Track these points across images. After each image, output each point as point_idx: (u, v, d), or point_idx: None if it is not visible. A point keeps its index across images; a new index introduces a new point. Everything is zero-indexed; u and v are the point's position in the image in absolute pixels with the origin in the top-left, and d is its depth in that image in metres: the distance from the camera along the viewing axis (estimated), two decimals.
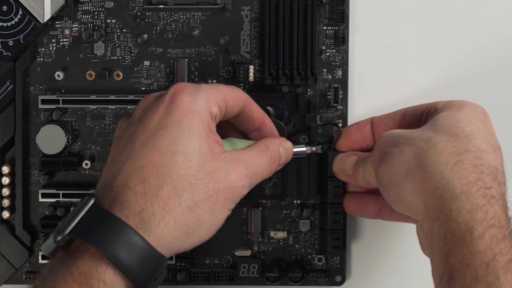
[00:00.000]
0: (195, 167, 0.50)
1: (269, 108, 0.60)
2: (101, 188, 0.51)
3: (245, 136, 0.59)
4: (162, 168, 0.50)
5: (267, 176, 0.56)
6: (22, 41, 0.60)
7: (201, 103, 0.52)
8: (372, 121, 0.60)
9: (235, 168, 0.52)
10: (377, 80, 0.63)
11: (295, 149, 0.59)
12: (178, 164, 0.50)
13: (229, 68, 0.62)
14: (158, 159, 0.50)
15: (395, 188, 0.51)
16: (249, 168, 0.53)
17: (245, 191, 0.53)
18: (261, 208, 0.62)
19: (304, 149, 0.59)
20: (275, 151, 0.56)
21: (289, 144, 0.58)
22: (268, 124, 0.58)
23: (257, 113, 0.57)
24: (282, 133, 0.59)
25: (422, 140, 0.51)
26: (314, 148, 0.60)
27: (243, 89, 0.61)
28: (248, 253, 0.62)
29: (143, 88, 0.61)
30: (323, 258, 0.62)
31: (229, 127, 0.58)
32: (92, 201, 0.49)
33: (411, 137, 0.52)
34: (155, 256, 0.48)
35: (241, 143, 0.57)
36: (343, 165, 0.58)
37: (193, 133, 0.51)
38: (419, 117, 0.57)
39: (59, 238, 0.48)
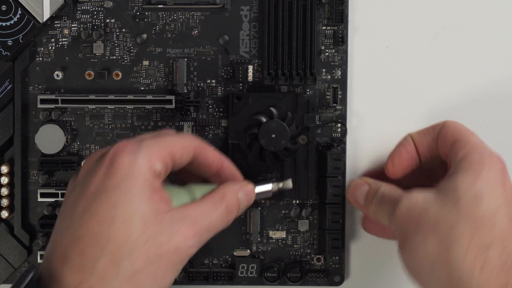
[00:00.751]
0: (135, 232, 0.48)
1: (272, 109, 0.59)
2: (44, 260, 0.49)
3: (205, 180, 0.56)
4: (99, 238, 0.47)
5: (222, 228, 0.52)
6: (21, 41, 0.60)
7: (141, 163, 0.49)
8: (413, 139, 0.58)
9: (180, 228, 0.49)
10: (376, 80, 0.63)
11: (258, 190, 0.55)
12: (116, 232, 0.48)
13: (228, 68, 0.61)
14: (96, 228, 0.48)
15: (420, 279, 0.51)
16: (197, 225, 0.50)
17: (192, 251, 0.50)
18: (260, 208, 0.62)
19: (269, 188, 0.56)
20: (232, 199, 0.53)
21: (250, 187, 0.54)
22: (227, 167, 0.55)
23: (212, 158, 0.54)
24: (284, 136, 0.59)
25: (446, 229, 0.50)
26: (281, 184, 0.56)
27: (242, 89, 0.61)
28: (247, 253, 0.62)
29: (142, 88, 0.61)
30: (322, 258, 0.62)
31: (188, 172, 0.55)
32: (30, 276, 0.47)
33: (434, 221, 0.50)
34: None
35: (200, 189, 0.53)
36: (355, 196, 0.57)
37: (133, 196, 0.48)
38: (446, 149, 0.55)
39: None
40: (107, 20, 0.61)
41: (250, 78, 0.61)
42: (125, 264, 0.47)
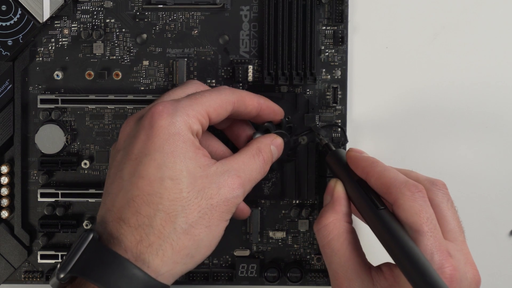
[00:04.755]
0: (185, 188, 0.50)
1: (268, 125, 0.59)
2: (99, 222, 0.51)
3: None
4: (152, 197, 0.50)
5: (260, 179, 0.55)
6: (21, 41, 0.60)
7: (180, 125, 0.51)
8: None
9: (227, 180, 0.52)
10: (376, 80, 0.63)
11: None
12: (167, 190, 0.50)
13: (228, 68, 0.61)
14: (147, 187, 0.50)
15: None
16: (241, 176, 0.53)
17: (239, 200, 0.53)
18: (260, 208, 0.62)
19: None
20: (267, 151, 0.56)
21: (279, 140, 0.58)
22: (266, 108, 0.57)
23: (252, 106, 0.56)
24: (286, 143, 0.59)
25: None
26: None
27: (242, 89, 0.61)
28: (247, 253, 0.62)
29: (142, 88, 0.61)
30: (322, 258, 0.62)
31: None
32: (90, 237, 0.49)
33: None
34: (156, 286, 0.49)
35: None
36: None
37: (177, 156, 0.51)
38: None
39: (61, 276, 0.49)
40: (107, 20, 0.61)
41: (250, 78, 0.61)
42: (180, 219, 0.50)
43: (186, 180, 0.50)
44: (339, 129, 0.61)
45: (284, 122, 0.59)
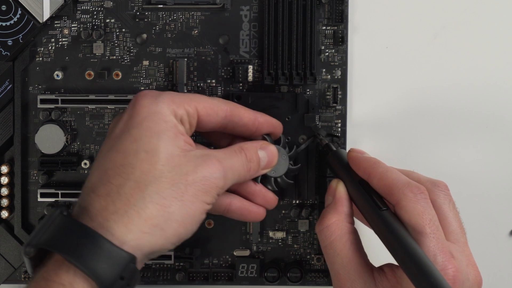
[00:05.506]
0: (159, 161, 0.49)
1: (265, 136, 0.57)
2: (79, 198, 0.51)
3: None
4: (125, 168, 0.49)
5: (247, 176, 0.54)
6: (21, 41, 0.60)
7: (162, 105, 0.51)
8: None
9: (206, 161, 0.51)
10: (376, 80, 0.63)
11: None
12: (141, 161, 0.49)
13: (228, 68, 0.61)
14: (121, 159, 0.49)
15: None
16: (222, 162, 0.51)
17: (220, 183, 0.51)
18: None
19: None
20: (251, 151, 0.54)
21: (271, 148, 0.56)
22: (264, 122, 0.57)
23: (248, 118, 0.56)
24: (283, 160, 0.58)
25: None
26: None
27: (242, 89, 0.61)
28: (247, 253, 0.62)
29: (142, 88, 0.61)
30: (322, 258, 0.62)
31: (231, 136, 0.58)
32: (57, 211, 0.49)
33: None
34: (119, 254, 0.47)
35: None
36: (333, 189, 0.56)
37: (155, 133, 0.50)
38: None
39: (26, 249, 0.47)
40: (107, 20, 0.61)
41: (250, 78, 0.61)
42: (150, 188, 0.48)
43: (162, 155, 0.49)
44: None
45: (283, 138, 0.58)
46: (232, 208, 0.56)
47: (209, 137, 0.59)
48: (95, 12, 0.61)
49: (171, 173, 0.49)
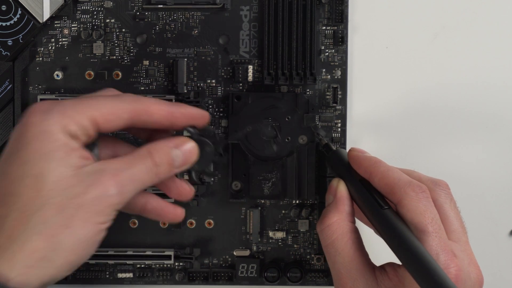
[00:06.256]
0: (46, 186, 0.46)
1: (187, 129, 0.54)
2: None
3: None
4: (10, 196, 0.46)
5: (155, 180, 0.51)
6: (21, 41, 0.60)
7: (51, 122, 0.47)
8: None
9: (98, 178, 0.47)
10: (376, 80, 0.63)
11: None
12: (26, 187, 0.46)
13: (228, 68, 0.61)
14: (7, 186, 0.47)
15: None
16: (119, 175, 0.48)
17: (115, 200, 0.48)
18: (259, 208, 0.62)
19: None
20: (160, 154, 0.51)
21: (189, 144, 0.52)
22: (180, 116, 0.53)
23: (159, 115, 0.52)
24: (208, 152, 0.54)
25: None
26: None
27: (242, 89, 0.61)
28: (246, 253, 0.62)
29: (142, 88, 0.61)
30: (322, 258, 0.62)
31: (151, 130, 0.54)
32: None
33: None
34: None
35: None
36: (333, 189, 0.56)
37: (43, 154, 0.47)
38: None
39: None
40: (107, 20, 0.61)
41: (250, 78, 0.61)
42: (35, 217, 0.46)
43: (49, 179, 0.46)
44: (339, 126, 0.61)
45: (209, 128, 0.55)
46: (148, 207, 0.54)
47: (125, 130, 0.56)
48: (95, 12, 0.61)
49: (59, 197, 0.46)
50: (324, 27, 0.61)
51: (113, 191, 0.48)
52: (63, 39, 0.61)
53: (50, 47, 0.61)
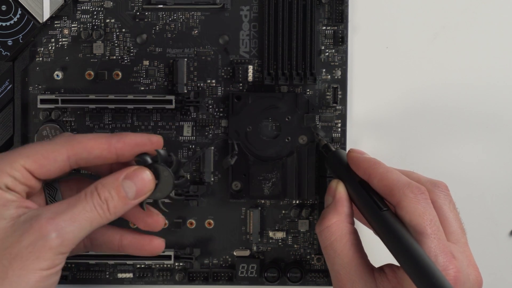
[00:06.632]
0: None
1: (137, 158, 0.52)
2: None
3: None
4: None
5: (109, 217, 0.49)
6: (21, 41, 0.60)
7: None
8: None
9: (32, 225, 0.46)
10: (376, 80, 0.63)
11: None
12: None
13: (228, 68, 0.61)
14: None
15: None
16: (54, 219, 0.47)
17: (54, 243, 0.46)
18: (260, 208, 0.62)
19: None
20: (108, 189, 0.49)
21: (142, 174, 0.50)
22: (123, 146, 0.51)
23: (98, 150, 0.51)
24: (166, 177, 0.51)
25: None
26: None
27: (242, 89, 0.61)
28: (247, 253, 0.62)
29: (142, 88, 0.61)
30: (322, 258, 0.62)
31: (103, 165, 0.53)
32: None
33: None
34: None
35: None
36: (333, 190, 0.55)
37: None
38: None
39: None
40: (107, 20, 0.61)
41: (250, 78, 0.61)
42: None
43: None
44: (339, 125, 0.61)
45: (161, 153, 0.51)
46: (124, 243, 0.54)
47: (86, 169, 0.55)
48: (95, 12, 0.61)
49: None
50: (324, 27, 0.61)
51: (52, 235, 0.47)
52: (63, 39, 0.61)
53: (50, 47, 0.61)
